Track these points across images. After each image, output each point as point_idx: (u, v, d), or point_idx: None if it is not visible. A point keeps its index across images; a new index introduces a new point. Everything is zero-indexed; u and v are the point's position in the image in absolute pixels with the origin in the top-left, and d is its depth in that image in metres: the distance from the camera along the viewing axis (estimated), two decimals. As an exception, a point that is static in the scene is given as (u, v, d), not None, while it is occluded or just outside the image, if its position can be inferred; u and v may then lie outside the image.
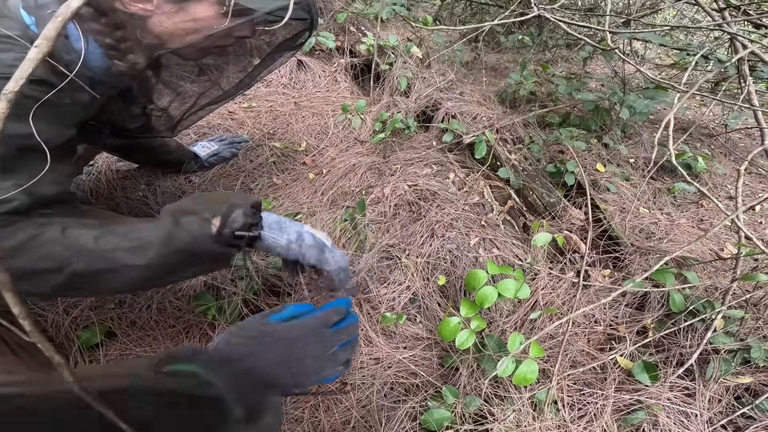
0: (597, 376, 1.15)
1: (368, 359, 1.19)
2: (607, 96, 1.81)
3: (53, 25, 0.36)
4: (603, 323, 1.30)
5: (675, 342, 1.19)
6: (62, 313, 1.18)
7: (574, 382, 1.12)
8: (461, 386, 1.10)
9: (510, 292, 1.04)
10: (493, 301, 1.04)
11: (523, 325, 1.31)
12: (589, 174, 1.77)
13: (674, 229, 1.57)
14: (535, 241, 1.09)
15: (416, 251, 1.38)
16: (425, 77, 1.91)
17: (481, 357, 1.11)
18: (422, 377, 1.16)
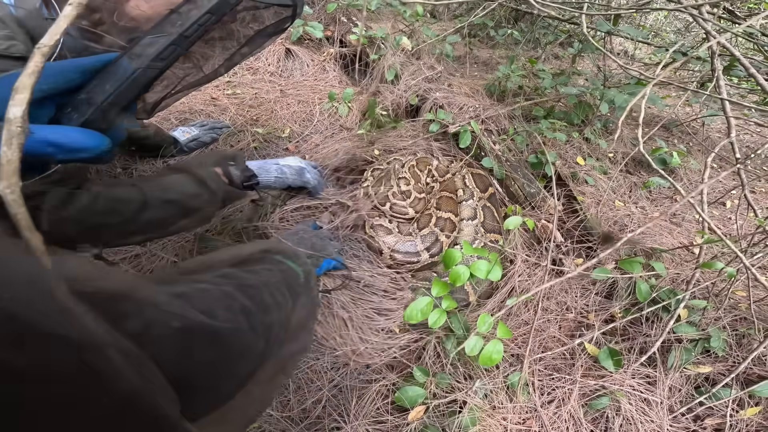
0: (566, 361, 1.17)
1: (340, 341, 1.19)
2: (589, 90, 1.81)
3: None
4: (574, 311, 1.32)
5: (639, 330, 1.21)
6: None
7: (545, 367, 1.14)
8: (428, 365, 1.10)
9: (482, 273, 1.03)
10: (465, 280, 1.03)
11: (499, 311, 1.31)
12: (570, 167, 1.78)
13: (646, 222, 1.58)
14: (506, 224, 1.08)
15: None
16: (414, 70, 1.89)
17: (447, 336, 1.12)
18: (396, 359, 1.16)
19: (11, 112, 0.35)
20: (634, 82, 1.83)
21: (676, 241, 1.60)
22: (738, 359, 1.15)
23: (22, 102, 0.36)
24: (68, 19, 0.34)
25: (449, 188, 1.52)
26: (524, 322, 1.26)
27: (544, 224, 1.55)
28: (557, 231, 1.54)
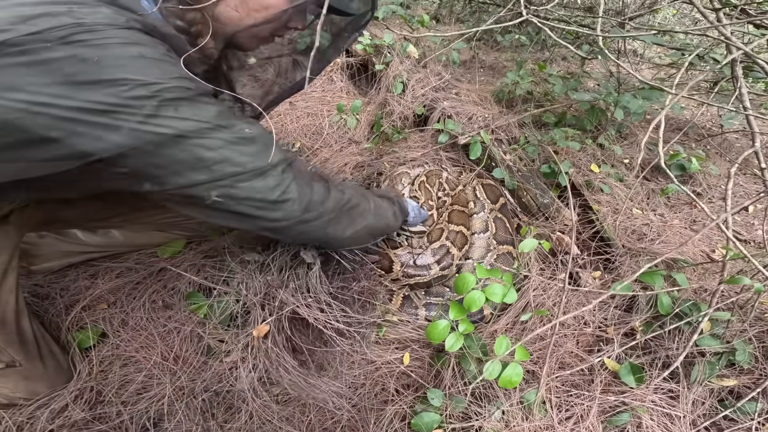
0: (584, 377, 1.18)
1: (359, 358, 1.22)
2: (602, 96, 1.83)
3: None
4: (592, 325, 1.33)
5: (661, 344, 1.22)
6: (61, 313, 1.21)
7: (562, 383, 1.16)
8: (447, 387, 1.13)
9: (497, 297, 1.06)
10: (481, 305, 1.06)
11: (513, 326, 1.34)
12: (584, 174, 1.79)
13: (666, 230, 1.59)
14: (521, 246, 1.11)
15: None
16: (421, 78, 1.93)
17: (463, 357, 1.14)
18: (412, 378, 1.19)
19: None
20: (648, 88, 1.85)
21: (697, 249, 1.61)
22: (765, 372, 1.16)
23: None
24: None
25: (460, 201, 1.55)
26: (540, 337, 1.28)
27: (559, 236, 1.57)
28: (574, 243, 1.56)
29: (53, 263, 1.27)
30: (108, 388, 1.13)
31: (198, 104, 0.68)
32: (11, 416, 1.02)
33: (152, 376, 1.15)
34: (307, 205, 0.84)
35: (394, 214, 1.20)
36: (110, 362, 1.18)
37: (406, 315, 1.31)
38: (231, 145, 0.71)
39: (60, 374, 1.09)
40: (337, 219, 0.93)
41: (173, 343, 1.21)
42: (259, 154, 0.75)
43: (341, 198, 0.93)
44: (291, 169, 0.82)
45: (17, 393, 1.01)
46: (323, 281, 1.17)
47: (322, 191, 0.88)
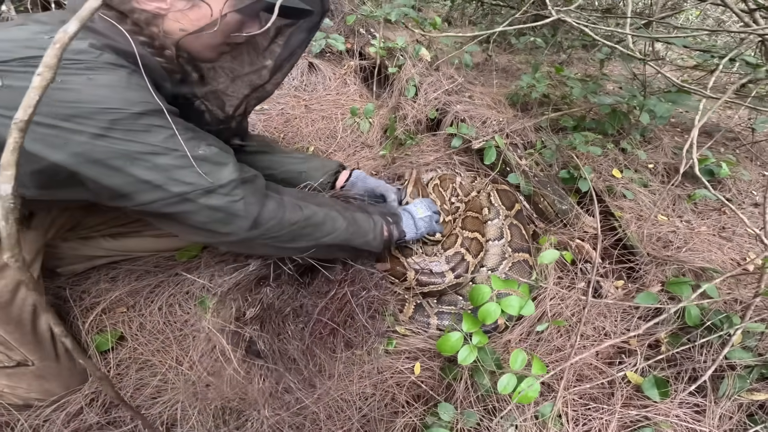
0: (604, 390, 1.16)
1: (370, 368, 1.22)
2: (625, 99, 1.80)
3: (53, 52, 0.38)
4: (614, 336, 1.30)
5: (688, 356, 1.19)
6: (79, 316, 1.26)
7: (580, 397, 1.13)
8: (458, 400, 1.12)
9: (513, 309, 1.05)
10: (496, 317, 1.06)
11: (528, 337, 1.32)
12: (605, 180, 1.77)
13: (693, 238, 1.56)
14: (541, 257, 1.09)
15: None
16: (434, 81, 1.94)
17: (476, 370, 1.13)
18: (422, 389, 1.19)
19: (2, 189, 0.37)
20: (674, 90, 1.81)
21: (726, 257, 1.56)
22: (801, 388, 1.11)
23: (10, 179, 0.38)
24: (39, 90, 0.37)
25: (474, 208, 1.55)
26: (556, 348, 1.26)
27: (579, 244, 1.55)
28: (594, 251, 1.54)
29: (77, 266, 1.32)
30: (123, 391, 1.16)
31: (150, 128, 0.74)
32: (27, 418, 1.06)
33: (167, 381, 1.18)
34: (255, 223, 0.88)
35: (378, 234, 1.17)
36: (127, 365, 1.21)
37: (417, 324, 1.31)
38: (179, 168, 0.77)
39: (75, 375, 1.12)
40: (292, 235, 0.97)
41: (188, 347, 1.24)
42: (210, 174, 0.81)
43: (298, 216, 0.97)
44: (243, 186, 0.87)
45: (31, 393, 1.05)
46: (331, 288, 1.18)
47: (274, 208, 0.93)
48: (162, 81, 0.85)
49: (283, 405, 1.13)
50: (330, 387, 1.14)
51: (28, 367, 1.02)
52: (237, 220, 0.86)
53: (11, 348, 0.99)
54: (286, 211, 0.95)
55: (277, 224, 0.93)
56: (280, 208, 0.94)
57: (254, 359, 1.15)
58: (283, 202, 0.96)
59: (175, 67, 0.88)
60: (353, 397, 1.16)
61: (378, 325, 1.24)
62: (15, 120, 0.36)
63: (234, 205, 0.84)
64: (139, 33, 0.81)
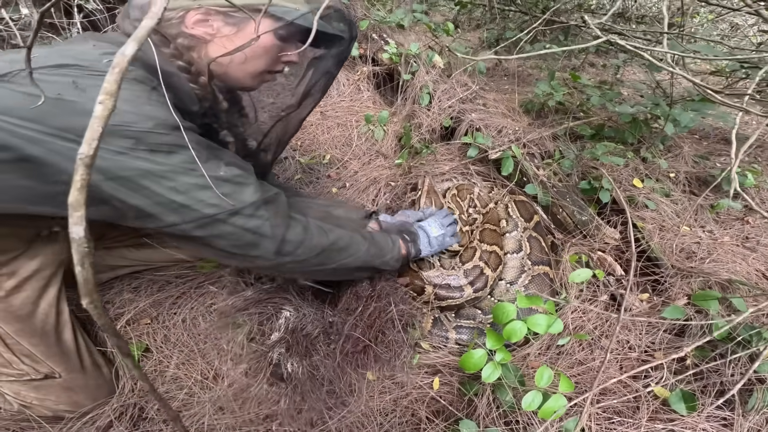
0: (629, 404, 1.15)
1: (390, 384, 1.22)
2: (648, 108, 1.79)
3: (112, 78, 0.37)
4: (638, 349, 1.29)
5: (716, 370, 1.18)
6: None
7: (604, 411, 1.12)
8: (480, 416, 1.12)
9: (541, 328, 1.04)
10: (522, 336, 1.05)
11: (548, 350, 1.31)
12: (625, 190, 1.76)
13: (717, 249, 1.54)
14: (572, 277, 1.09)
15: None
16: (447, 88, 1.95)
17: (498, 386, 1.13)
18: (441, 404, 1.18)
19: (74, 232, 0.35)
20: (698, 99, 1.80)
21: (751, 268, 1.54)
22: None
23: (81, 220, 0.36)
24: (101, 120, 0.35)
25: (492, 220, 1.55)
26: (578, 362, 1.25)
27: (601, 256, 1.54)
28: (617, 263, 1.53)
29: (101, 276, 1.34)
30: (150, 405, 1.16)
31: (170, 147, 0.74)
32: (58, 431, 1.07)
33: (192, 394, 1.19)
34: (281, 245, 0.88)
35: (396, 253, 1.20)
36: (153, 378, 1.22)
37: (435, 338, 1.31)
38: (201, 189, 0.76)
39: (102, 387, 1.13)
40: (319, 259, 0.97)
41: (213, 360, 1.25)
42: (232, 195, 0.80)
43: (324, 241, 0.97)
44: (266, 206, 0.86)
45: (60, 405, 1.06)
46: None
47: (300, 231, 0.92)
48: (192, 105, 0.86)
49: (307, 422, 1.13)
50: (360, 404, 1.14)
51: (56, 379, 1.04)
52: (263, 241, 0.85)
53: (38, 361, 1.01)
54: (313, 236, 0.95)
55: (303, 248, 0.93)
56: (306, 233, 0.94)
57: (278, 382, 1.15)
58: (308, 226, 0.96)
59: (207, 94, 0.89)
60: (374, 412, 1.16)
61: (409, 339, 1.25)
62: (80, 155, 0.34)
63: (259, 227, 0.84)
64: (178, 57, 0.83)
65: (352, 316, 1.16)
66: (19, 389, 1.03)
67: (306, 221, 0.97)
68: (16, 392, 1.04)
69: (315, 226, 0.98)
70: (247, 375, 1.16)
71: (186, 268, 1.43)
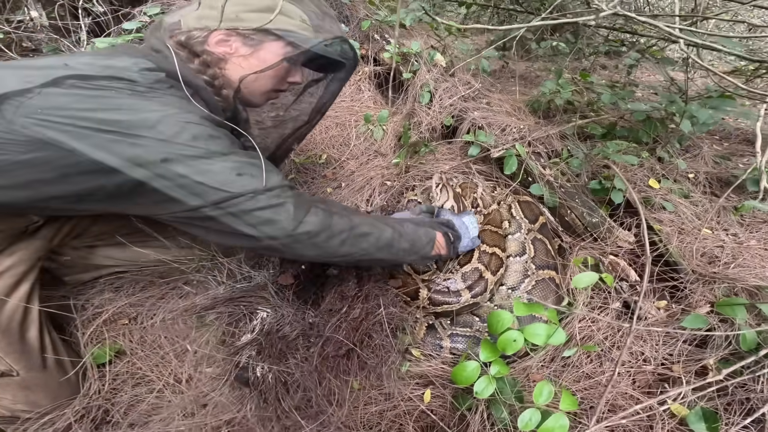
0: (641, 423, 1.03)
1: (377, 394, 1.14)
2: (663, 106, 1.70)
3: None
4: (654, 362, 1.18)
5: (743, 385, 1.06)
6: (80, 326, 1.23)
7: (612, 429, 1.02)
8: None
9: (540, 339, 0.93)
10: (518, 348, 0.96)
11: (552, 362, 1.21)
12: (641, 191, 1.66)
13: (743, 253, 1.42)
14: (575, 281, 0.97)
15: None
16: (449, 87, 1.90)
17: (493, 402, 1.03)
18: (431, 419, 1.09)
19: None
20: (716, 96, 1.70)
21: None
22: None
23: None
24: None
25: (494, 221, 1.47)
26: (586, 375, 1.15)
27: (612, 260, 1.44)
28: (630, 268, 1.43)
29: (83, 275, 1.32)
30: (117, 407, 1.11)
31: (207, 137, 0.85)
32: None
33: (162, 398, 1.13)
34: (299, 225, 0.91)
35: (429, 249, 1.17)
36: (123, 380, 1.17)
37: (428, 346, 1.22)
38: (231, 171, 0.85)
39: (64, 387, 1.09)
40: (340, 242, 0.98)
41: (187, 364, 1.19)
42: (259, 177, 0.87)
43: (345, 224, 0.99)
44: (291, 191, 0.93)
45: (17, 405, 1.02)
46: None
47: (321, 216, 0.96)
48: (218, 114, 0.95)
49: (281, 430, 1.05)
50: (341, 415, 1.06)
51: (13, 377, 1.00)
52: (281, 220, 0.89)
53: None
54: (333, 218, 0.97)
55: (324, 232, 0.94)
56: (326, 216, 0.96)
57: (242, 387, 1.08)
58: (330, 211, 0.98)
59: (229, 106, 1.00)
60: (357, 425, 1.07)
61: (398, 344, 1.17)
62: None
63: (282, 204, 0.89)
64: (203, 72, 0.94)
65: (335, 317, 1.09)
66: None
67: (326, 207, 1.00)
68: None
69: (337, 210, 1.01)
70: (213, 379, 1.10)
71: (171, 268, 1.39)
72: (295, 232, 0.90)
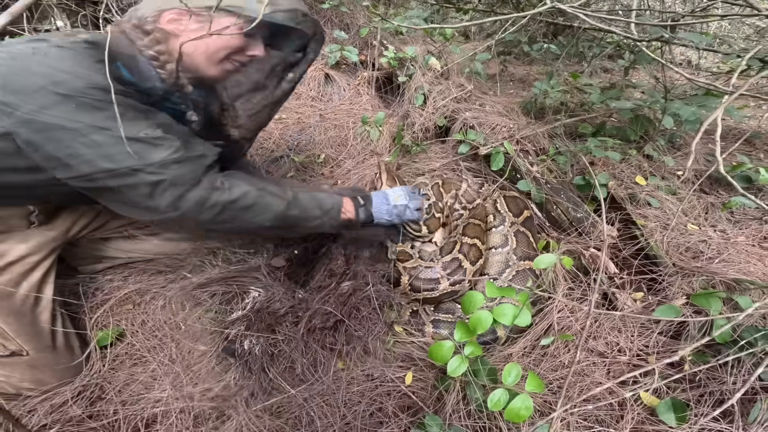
0: (612, 412, 1.07)
1: (359, 373, 1.21)
2: (647, 104, 1.75)
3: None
4: (629, 352, 1.22)
5: (715, 377, 1.09)
6: (88, 312, 1.34)
7: (585, 418, 1.06)
8: (448, 414, 1.08)
9: (506, 318, 0.99)
10: (487, 326, 1.01)
11: (532, 351, 1.26)
12: (627, 187, 1.70)
13: (729, 248, 1.44)
14: (536, 262, 1.03)
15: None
16: (442, 89, 1.98)
17: (468, 383, 1.09)
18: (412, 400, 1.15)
19: None
20: (702, 93, 1.74)
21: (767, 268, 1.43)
22: None
23: None
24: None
25: (479, 215, 1.53)
26: (563, 364, 1.19)
27: (593, 253, 1.48)
28: (610, 261, 1.46)
29: (97, 265, 1.43)
30: (112, 386, 1.20)
31: (93, 104, 0.85)
32: (12, 407, 1.12)
33: (156, 377, 1.22)
34: (177, 200, 0.95)
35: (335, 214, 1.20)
36: (122, 361, 1.27)
37: (412, 330, 1.29)
38: (111, 146, 0.87)
39: (70, 368, 1.18)
40: (222, 215, 1.02)
41: (184, 345, 1.28)
42: (140, 153, 0.90)
43: (223, 197, 1.01)
44: (174, 166, 0.94)
45: (24, 383, 1.11)
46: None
47: (203, 191, 0.98)
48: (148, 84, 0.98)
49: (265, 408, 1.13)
50: (326, 386, 1.13)
51: (22, 357, 1.09)
52: (159, 196, 0.92)
53: (7, 338, 1.07)
54: (212, 193, 1.00)
55: (205, 206, 0.98)
56: (210, 192, 0.99)
57: (229, 358, 1.17)
58: (215, 185, 1.01)
59: (172, 78, 1.00)
60: (338, 402, 1.14)
61: (384, 317, 1.24)
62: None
63: (158, 183, 0.92)
64: (151, 48, 0.97)
65: (323, 292, 1.17)
66: None
67: (221, 184, 1.02)
68: None
69: (229, 184, 1.03)
70: (203, 354, 1.19)
71: (179, 259, 1.49)
72: (180, 206, 0.95)
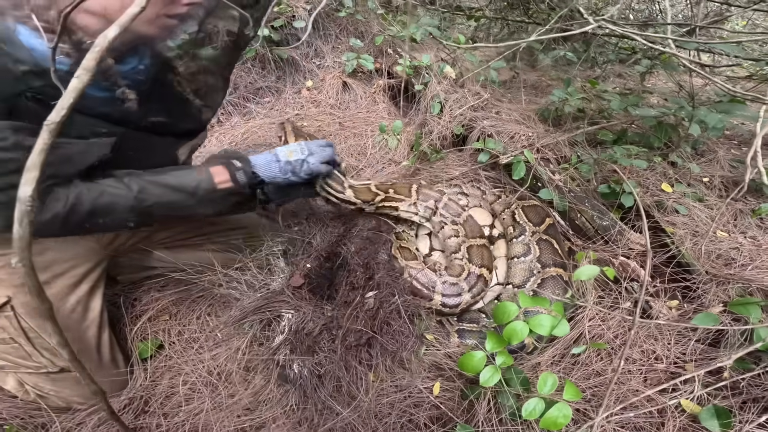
0: (652, 420, 1.05)
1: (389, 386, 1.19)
2: (672, 111, 1.75)
3: (91, 56, 0.41)
4: (666, 360, 1.19)
5: (757, 384, 1.06)
6: (128, 323, 1.36)
7: (622, 426, 1.03)
8: (479, 422, 1.05)
9: (544, 329, 0.99)
10: (523, 337, 1.00)
11: (562, 360, 1.24)
12: (653, 195, 1.69)
13: (761, 255, 1.43)
14: (577, 274, 1.03)
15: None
16: (458, 98, 2.00)
17: (500, 392, 1.07)
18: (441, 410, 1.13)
19: (22, 191, 0.37)
20: (727, 99, 1.74)
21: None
22: None
23: (33, 181, 0.38)
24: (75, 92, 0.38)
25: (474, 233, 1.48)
26: (596, 373, 1.17)
27: (623, 261, 1.46)
28: (642, 269, 1.45)
29: (134, 275, 1.43)
30: (155, 398, 1.21)
31: None
32: (62, 421, 1.13)
33: (195, 390, 1.22)
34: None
35: (205, 188, 1.08)
36: (161, 373, 1.27)
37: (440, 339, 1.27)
38: None
39: (116, 382, 1.19)
40: (55, 225, 0.92)
41: (220, 358, 1.28)
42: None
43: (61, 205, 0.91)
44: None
45: (74, 397, 1.13)
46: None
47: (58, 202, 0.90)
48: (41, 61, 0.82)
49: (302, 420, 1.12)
50: (371, 400, 1.12)
51: (71, 372, 1.09)
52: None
53: (56, 354, 1.07)
54: (50, 202, 0.90)
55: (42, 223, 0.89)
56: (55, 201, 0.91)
57: (284, 384, 1.17)
58: (52, 195, 0.91)
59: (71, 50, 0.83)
60: (369, 415, 1.12)
61: (415, 330, 1.23)
62: (47, 122, 0.36)
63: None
64: (39, 18, 0.78)
65: (350, 309, 1.16)
66: (37, 381, 1.10)
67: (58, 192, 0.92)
68: (34, 383, 1.11)
69: (65, 194, 0.93)
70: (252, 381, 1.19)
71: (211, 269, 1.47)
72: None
